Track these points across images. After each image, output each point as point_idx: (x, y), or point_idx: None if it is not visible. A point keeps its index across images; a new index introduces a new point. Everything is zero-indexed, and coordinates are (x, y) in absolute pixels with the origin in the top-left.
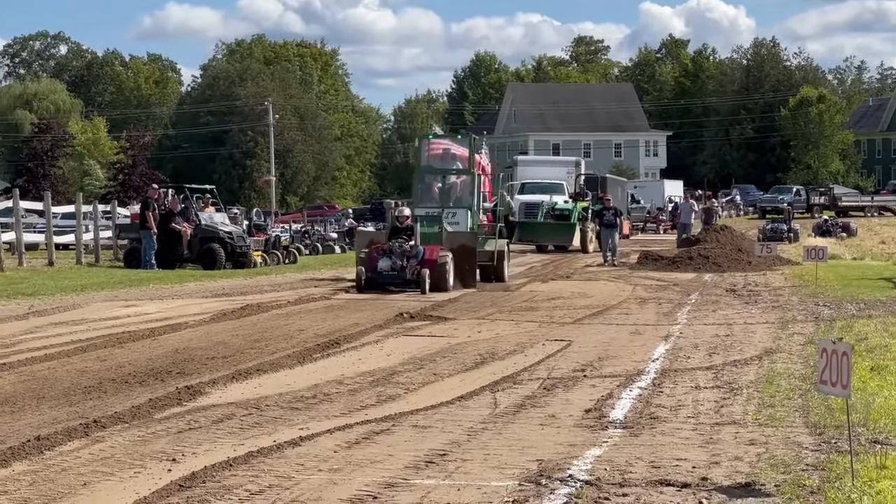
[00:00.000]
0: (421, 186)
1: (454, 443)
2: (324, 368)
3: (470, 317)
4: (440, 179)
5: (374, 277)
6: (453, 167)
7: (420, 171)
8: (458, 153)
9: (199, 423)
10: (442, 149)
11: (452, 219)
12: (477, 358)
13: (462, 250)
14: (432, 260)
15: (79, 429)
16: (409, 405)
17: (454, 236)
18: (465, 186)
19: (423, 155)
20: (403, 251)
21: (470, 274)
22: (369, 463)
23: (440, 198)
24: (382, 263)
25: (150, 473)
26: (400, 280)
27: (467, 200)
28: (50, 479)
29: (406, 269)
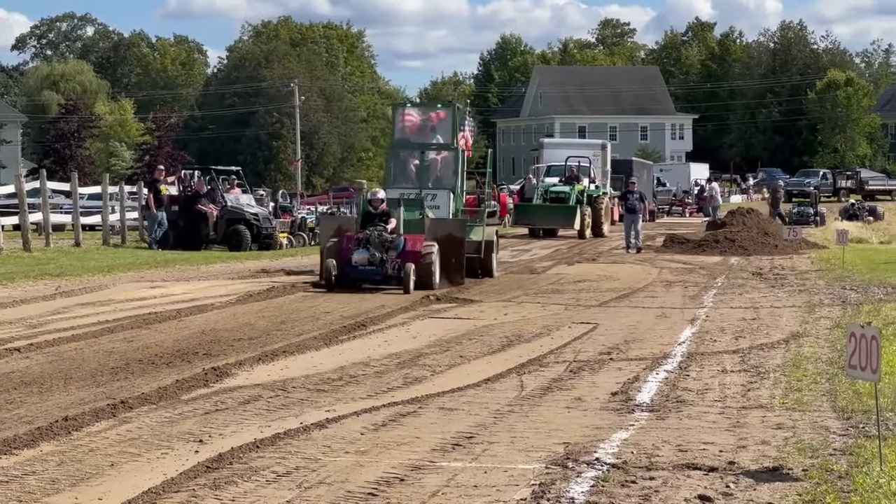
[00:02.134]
0: (394, 163)
1: (481, 425)
2: (350, 350)
3: (496, 299)
4: (417, 156)
5: (348, 272)
6: (432, 141)
7: (393, 145)
8: (438, 125)
9: (226, 404)
10: (419, 120)
11: (432, 202)
12: (503, 340)
13: (449, 241)
14: (415, 252)
15: (106, 409)
16: (435, 387)
17: (440, 224)
18: (447, 164)
19: (398, 127)
20: (383, 241)
21: (457, 269)
22: (396, 445)
23: (417, 177)
24: (358, 256)
25: (177, 454)
26: (379, 275)
27: (449, 181)
28: (77, 460)
29: (386, 262)
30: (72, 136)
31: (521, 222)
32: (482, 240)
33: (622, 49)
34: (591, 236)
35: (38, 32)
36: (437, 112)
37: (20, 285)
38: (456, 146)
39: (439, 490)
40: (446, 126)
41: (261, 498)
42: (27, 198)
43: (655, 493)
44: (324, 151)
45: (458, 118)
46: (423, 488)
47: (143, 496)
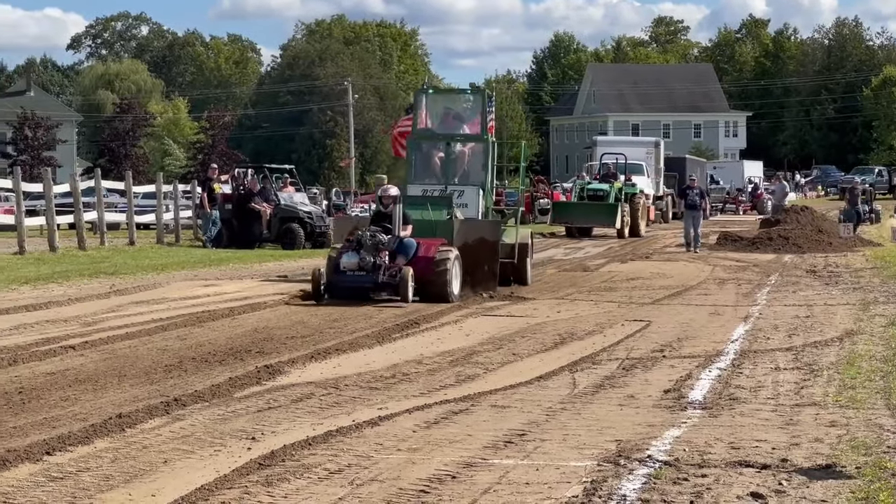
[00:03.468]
0: (416, 156)
1: (533, 423)
2: (403, 348)
3: (549, 297)
4: (442, 148)
5: (336, 280)
6: (459, 131)
7: (414, 135)
8: (464, 114)
9: (279, 402)
10: (444, 107)
11: (458, 199)
12: (556, 338)
13: (481, 246)
14: (427, 258)
15: (160, 407)
16: (488, 385)
17: (471, 226)
18: (476, 157)
19: (420, 115)
20: (376, 243)
21: (489, 277)
22: (448, 443)
23: (442, 172)
24: (347, 260)
25: (230, 451)
26: (369, 283)
27: (478, 176)
28: (131, 457)
29: (381, 268)
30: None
31: (559, 221)
32: (516, 243)
33: (676, 47)
34: (628, 236)
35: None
36: (464, 99)
37: (75, 284)
38: (486, 137)
39: (491, 487)
40: (474, 114)
41: (312, 495)
42: (82, 197)
43: (707, 490)
44: (377, 150)
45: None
46: (475, 485)
47: (195, 493)
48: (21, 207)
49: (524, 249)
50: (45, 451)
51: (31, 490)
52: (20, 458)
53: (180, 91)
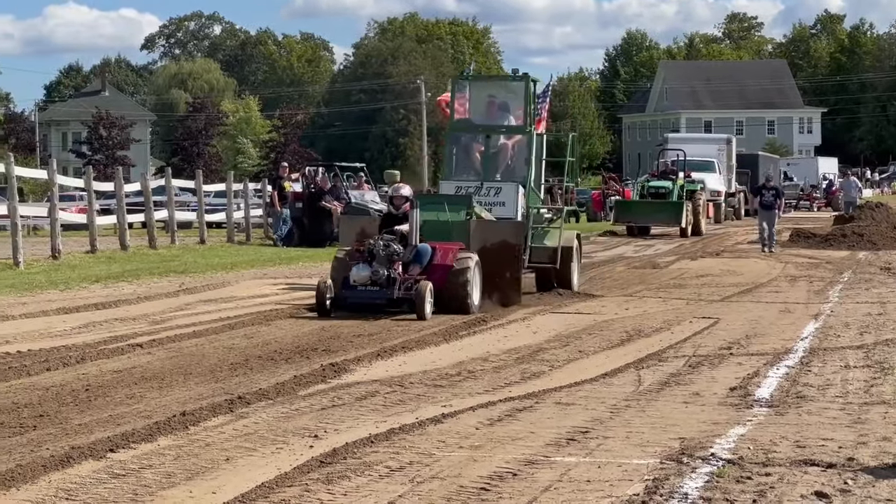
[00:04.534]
0: (454, 149)
1: (596, 420)
2: (469, 346)
3: (618, 294)
4: (482, 141)
5: (345, 295)
6: (503, 123)
7: (451, 128)
8: (510, 102)
9: (343, 400)
10: (486, 96)
11: (495, 197)
12: (623, 335)
13: (502, 249)
14: (444, 266)
15: (224, 405)
16: (553, 382)
17: (489, 228)
18: (519, 151)
19: (459, 105)
20: (390, 253)
21: (512, 285)
22: (510, 440)
23: (483, 167)
24: (357, 273)
25: (292, 449)
26: (383, 298)
27: (521, 172)
28: (194, 454)
29: (395, 281)
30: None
31: (622, 220)
32: (558, 245)
33: (749, 43)
34: (691, 234)
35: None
36: (508, 86)
37: (145, 282)
38: (530, 129)
39: (552, 485)
40: (518, 104)
41: (373, 492)
42: (154, 195)
43: (771, 489)
44: None
45: (535, 94)
46: (536, 483)
47: (256, 490)
48: (93, 206)
49: (568, 253)
50: (108, 447)
51: (93, 487)
52: (84, 454)
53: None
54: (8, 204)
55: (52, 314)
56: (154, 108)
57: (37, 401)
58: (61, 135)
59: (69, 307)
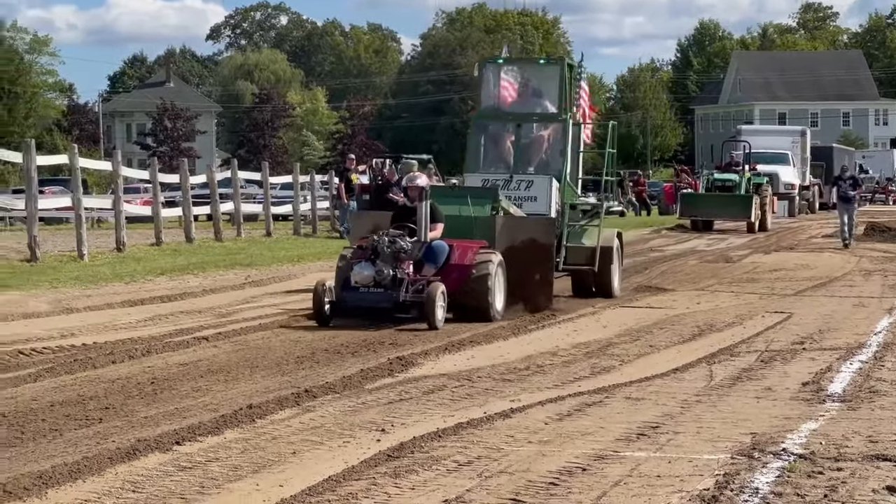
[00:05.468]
0: (481, 139)
1: (667, 415)
2: (538, 340)
3: (689, 288)
4: (512, 130)
5: (344, 297)
6: (535, 110)
7: (478, 115)
8: (543, 88)
9: (410, 393)
10: (518, 82)
11: (526, 191)
12: (694, 329)
13: (530, 249)
14: (462, 266)
15: (290, 398)
16: (623, 377)
17: (516, 224)
18: (554, 142)
19: (488, 91)
20: (397, 250)
21: (542, 288)
22: (580, 435)
23: (515, 159)
24: (358, 272)
25: (359, 443)
26: (388, 302)
27: (555, 164)
28: (260, 447)
29: (402, 282)
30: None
31: (687, 214)
32: (597, 245)
33: (824, 33)
34: (758, 230)
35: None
36: (541, 70)
37: (211, 275)
38: (566, 116)
39: (621, 480)
40: (553, 89)
41: (440, 487)
42: (219, 188)
43: (842, 483)
44: None
45: (571, 78)
46: (605, 478)
47: (323, 483)
48: (158, 198)
49: (608, 254)
50: (174, 440)
51: (159, 479)
52: (150, 447)
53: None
54: (72, 196)
55: (117, 307)
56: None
57: (102, 393)
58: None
59: (134, 300)
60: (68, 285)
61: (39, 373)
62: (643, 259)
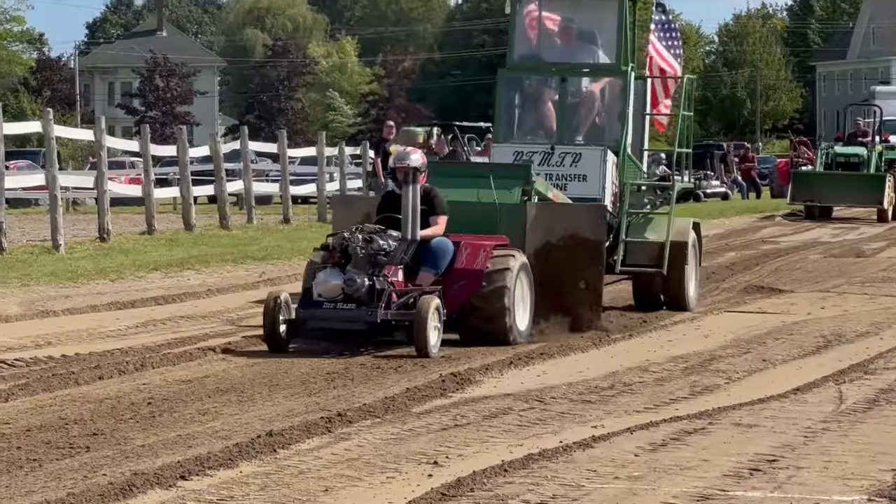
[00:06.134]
0: (513, 99)
1: (786, 446)
2: (624, 352)
3: (810, 289)
4: (556, 85)
5: (303, 315)
6: (586, 59)
7: (510, 66)
8: (597, 30)
9: (468, 418)
10: (563, 20)
11: (572, 168)
12: (818, 340)
13: (572, 246)
14: (472, 271)
15: (319, 423)
16: (730, 398)
17: (555, 213)
18: (612, 101)
19: (522, 34)
20: (374, 253)
21: (589, 300)
22: (678, 469)
23: (559, 125)
24: (323, 282)
25: (407, 479)
26: (360, 323)
27: (612, 131)
28: (284, 484)
29: (382, 294)
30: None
31: (800, 198)
32: (666, 240)
33: None
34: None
35: None
36: (594, 6)
37: (216, 270)
38: (626, 68)
39: None
40: (609, 32)
41: None
42: (225, 163)
43: None
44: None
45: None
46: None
47: None
48: (150, 176)
49: (680, 252)
50: (179, 474)
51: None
52: (149, 482)
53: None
54: (46, 173)
55: (103, 310)
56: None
57: (88, 416)
58: (107, 85)
59: (123, 301)
60: (42, 282)
61: (11, 390)
62: (753, 252)
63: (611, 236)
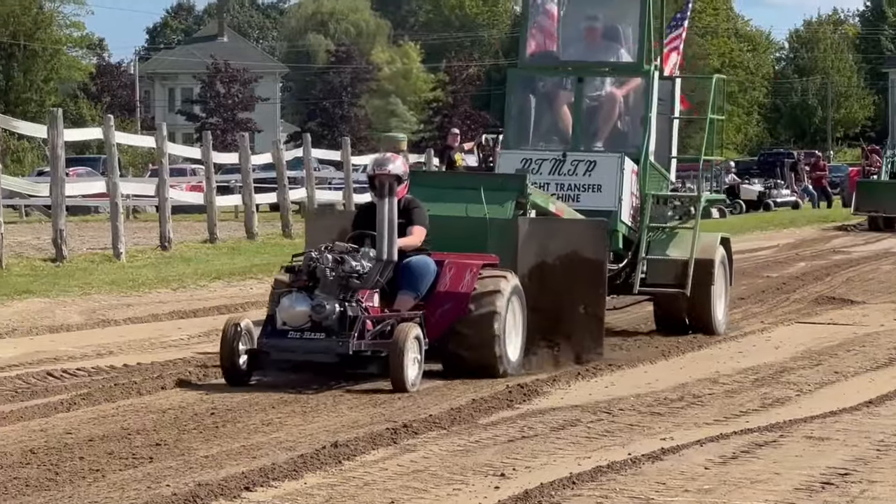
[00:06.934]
0: (529, 101)
1: (859, 459)
2: (693, 363)
3: (883, 300)
4: (572, 86)
5: (266, 345)
6: (606, 58)
7: (521, 67)
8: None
9: (535, 430)
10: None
11: (586, 177)
12: (891, 352)
13: (573, 268)
14: (456, 294)
15: (385, 434)
16: (801, 411)
17: (552, 230)
18: (635, 104)
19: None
20: (345, 276)
21: (590, 326)
22: (749, 483)
23: (575, 130)
24: (288, 309)
25: (473, 491)
26: (329, 355)
27: (634, 136)
28: (349, 495)
29: (355, 322)
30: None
31: (864, 208)
32: (690, 258)
33: None
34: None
35: None
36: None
37: None
38: (649, 67)
39: None
40: (631, 29)
41: None
42: (287, 170)
43: None
44: None
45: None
46: None
47: None
48: (212, 184)
49: (706, 271)
50: (243, 486)
51: None
52: (213, 493)
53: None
54: (107, 180)
55: (164, 319)
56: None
57: (151, 426)
58: (168, 91)
59: (184, 310)
60: (103, 291)
61: (73, 399)
62: (823, 263)
63: (630, 253)
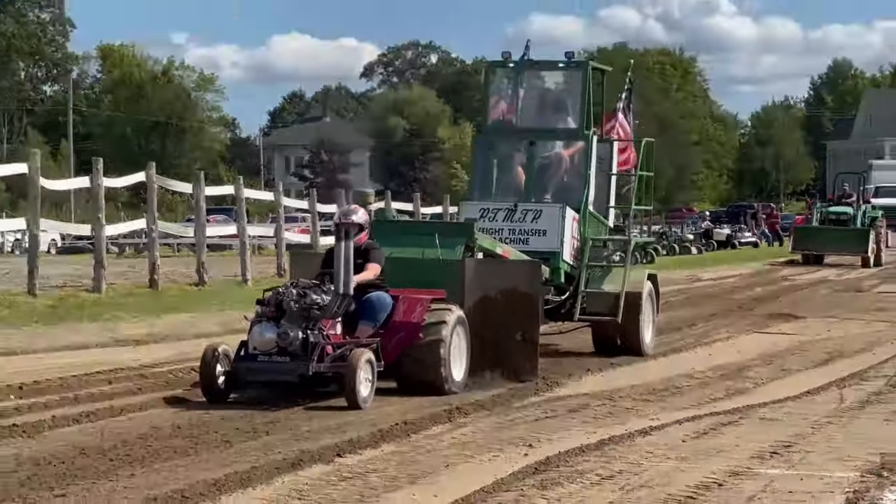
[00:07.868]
0: (486, 161)
1: (799, 435)
2: (676, 363)
3: (820, 315)
4: (524, 149)
5: (239, 368)
6: (554, 125)
7: (484, 131)
8: (567, 99)
9: (556, 412)
10: (537, 87)
11: (533, 223)
12: (825, 355)
13: (509, 299)
14: (409, 324)
15: (443, 415)
16: (756, 398)
17: (493, 269)
18: (578, 163)
19: (495, 101)
20: (307, 307)
21: (525, 351)
22: (716, 452)
23: (527, 185)
24: (258, 336)
25: (508, 457)
26: (291, 376)
27: (575, 191)
28: (415, 461)
29: (315, 348)
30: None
31: (800, 248)
32: (621, 291)
33: None
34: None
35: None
36: (564, 77)
37: None
38: (587, 133)
39: (755, 495)
40: (576, 100)
41: (585, 498)
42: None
43: None
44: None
45: (593, 87)
46: (741, 493)
47: (474, 494)
48: (316, 228)
49: (635, 302)
50: (336, 453)
51: (322, 488)
52: (313, 458)
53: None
54: (237, 224)
55: None
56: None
57: (269, 409)
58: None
59: None
60: (235, 308)
61: None
62: (775, 288)
63: (571, 287)
